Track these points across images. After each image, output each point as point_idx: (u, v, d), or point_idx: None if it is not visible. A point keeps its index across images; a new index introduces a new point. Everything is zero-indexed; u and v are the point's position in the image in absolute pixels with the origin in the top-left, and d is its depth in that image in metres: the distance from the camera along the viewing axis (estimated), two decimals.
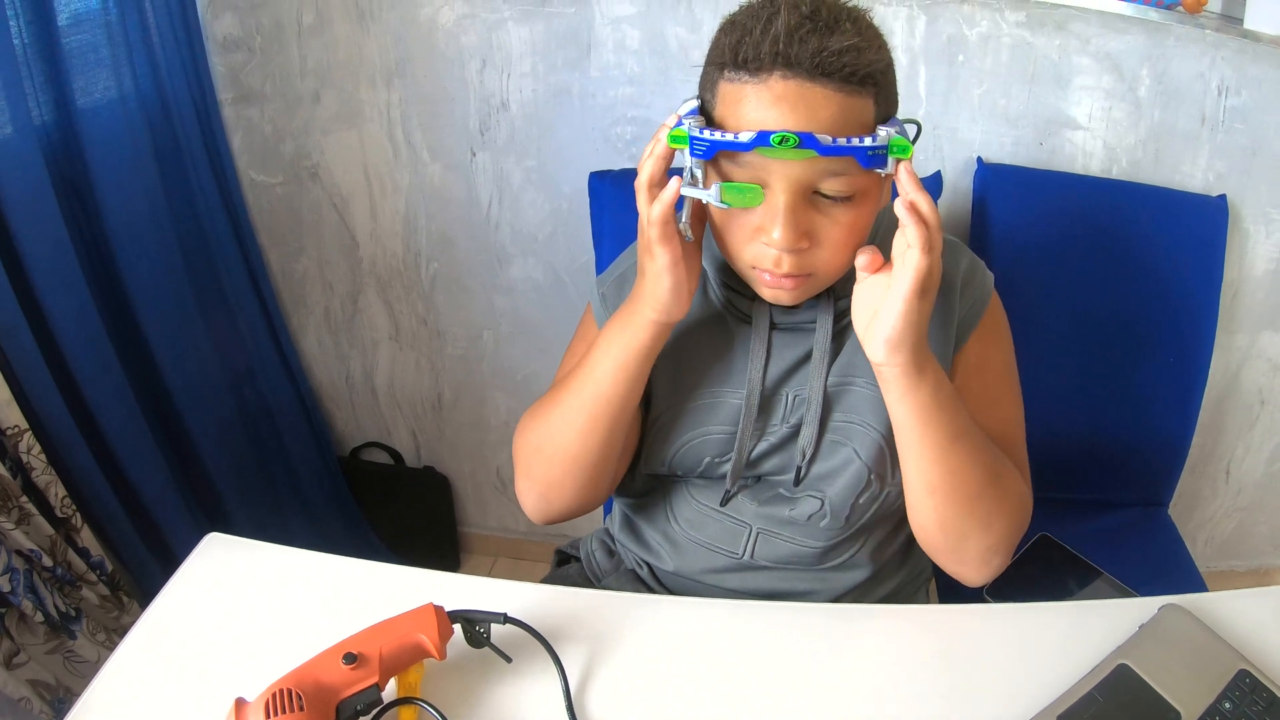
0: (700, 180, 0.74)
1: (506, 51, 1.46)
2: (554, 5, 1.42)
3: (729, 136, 0.70)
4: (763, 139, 0.68)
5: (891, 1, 1.34)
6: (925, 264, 0.71)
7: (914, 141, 0.75)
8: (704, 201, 0.74)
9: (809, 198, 0.73)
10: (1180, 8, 1.25)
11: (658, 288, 0.77)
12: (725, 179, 0.74)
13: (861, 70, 0.69)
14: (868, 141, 0.69)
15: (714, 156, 0.72)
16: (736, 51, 0.70)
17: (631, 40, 1.43)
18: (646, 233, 0.76)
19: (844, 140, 0.69)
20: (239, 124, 1.58)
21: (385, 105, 1.54)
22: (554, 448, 0.86)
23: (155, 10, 1.34)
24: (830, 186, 0.72)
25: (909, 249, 0.71)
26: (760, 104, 0.70)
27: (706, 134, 0.71)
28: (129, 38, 1.31)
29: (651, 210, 0.74)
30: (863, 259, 0.76)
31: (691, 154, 0.72)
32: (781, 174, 0.71)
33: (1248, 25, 1.24)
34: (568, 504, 0.89)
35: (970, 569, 0.86)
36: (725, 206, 0.73)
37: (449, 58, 1.48)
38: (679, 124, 0.73)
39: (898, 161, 0.71)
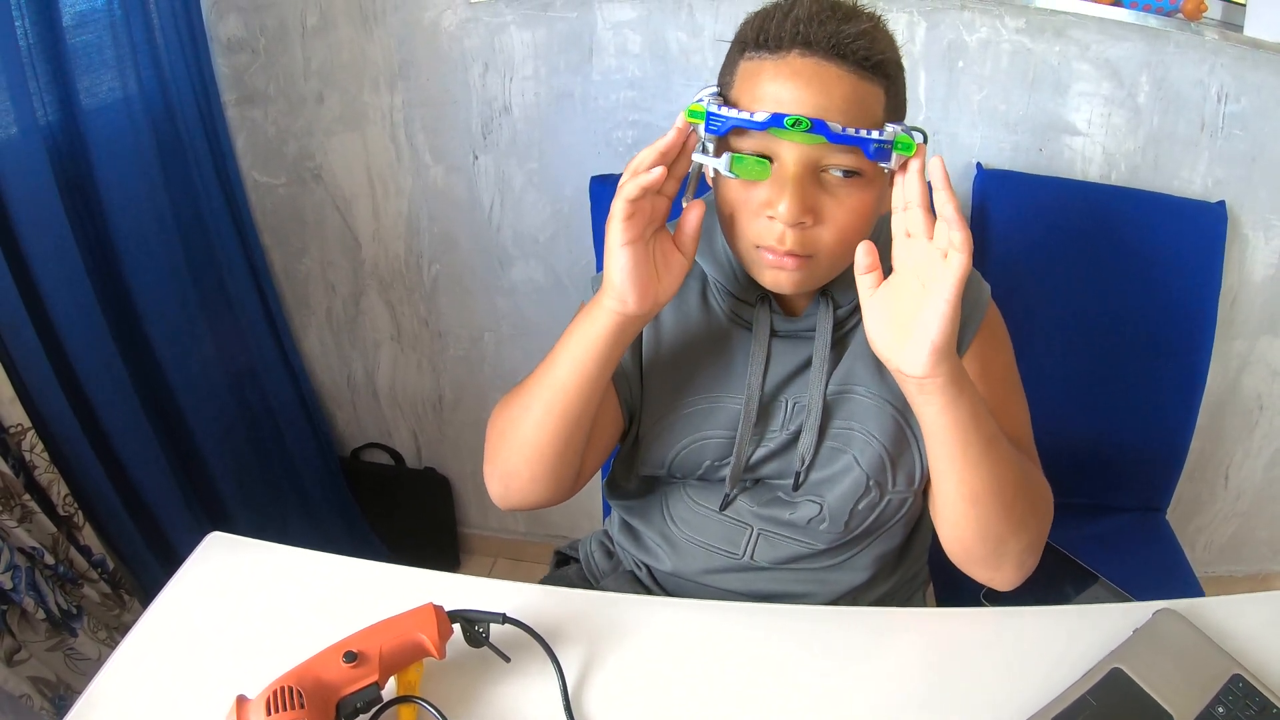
0: (712, 153, 0.75)
1: (509, 55, 1.47)
2: (556, 9, 1.42)
3: (744, 115, 0.72)
4: (776, 120, 0.71)
5: (892, 7, 1.34)
6: (967, 264, 0.69)
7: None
8: (711, 174, 0.77)
9: (816, 175, 0.75)
10: (1180, 14, 1.26)
11: (612, 268, 0.76)
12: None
13: (875, 56, 0.72)
14: (875, 135, 0.72)
15: (726, 134, 0.74)
16: (759, 33, 0.74)
17: (633, 44, 1.43)
18: (612, 208, 0.74)
19: (853, 130, 0.71)
20: (242, 125, 1.58)
21: (388, 108, 1.55)
22: (514, 435, 0.86)
23: (160, 11, 1.34)
24: (838, 161, 0.74)
25: (951, 251, 0.69)
26: (777, 77, 0.72)
27: (724, 111, 0.73)
28: (133, 38, 1.32)
29: (626, 187, 0.73)
30: (863, 256, 0.75)
31: (707, 129, 0.74)
32: (791, 149, 0.73)
33: (1247, 32, 1.25)
34: (525, 494, 0.88)
35: (1007, 572, 0.85)
36: (733, 176, 0.75)
37: (452, 61, 1.49)
38: (698, 99, 0.75)
39: (901, 159, 0.73)
